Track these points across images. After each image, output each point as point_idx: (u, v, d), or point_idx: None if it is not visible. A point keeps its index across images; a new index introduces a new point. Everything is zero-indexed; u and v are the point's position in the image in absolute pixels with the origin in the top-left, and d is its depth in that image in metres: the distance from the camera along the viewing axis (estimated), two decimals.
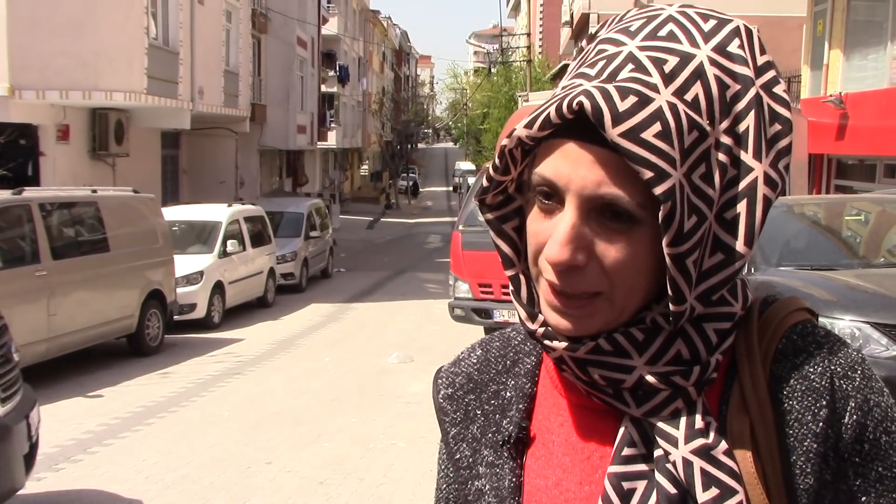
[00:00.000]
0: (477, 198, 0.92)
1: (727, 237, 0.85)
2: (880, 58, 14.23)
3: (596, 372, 0.88)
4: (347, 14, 46.34)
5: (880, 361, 5.04)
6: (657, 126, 0.79)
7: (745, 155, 0.85)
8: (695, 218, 0.82)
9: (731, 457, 0.84)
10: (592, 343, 0.87)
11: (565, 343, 0.88)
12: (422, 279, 20.58)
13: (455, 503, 1.04)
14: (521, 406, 0.98)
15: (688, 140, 0.81)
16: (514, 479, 0.95)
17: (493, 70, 45.71)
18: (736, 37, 0.87)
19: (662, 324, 0.86)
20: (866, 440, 0.85)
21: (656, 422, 0.86)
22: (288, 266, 18.21)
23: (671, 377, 0.86)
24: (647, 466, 0.86)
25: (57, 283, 9.74)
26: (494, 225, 0.94)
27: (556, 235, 0.83)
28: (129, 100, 15.63)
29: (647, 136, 0.78)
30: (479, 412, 1.01)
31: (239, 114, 23.03)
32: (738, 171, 0.85)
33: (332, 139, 40.04)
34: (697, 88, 0.83)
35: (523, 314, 0.93)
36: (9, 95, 14.40)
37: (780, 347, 0.89)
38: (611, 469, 0.87)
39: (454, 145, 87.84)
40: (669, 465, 0.84)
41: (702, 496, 0.82)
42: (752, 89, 0.86)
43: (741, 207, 0.85)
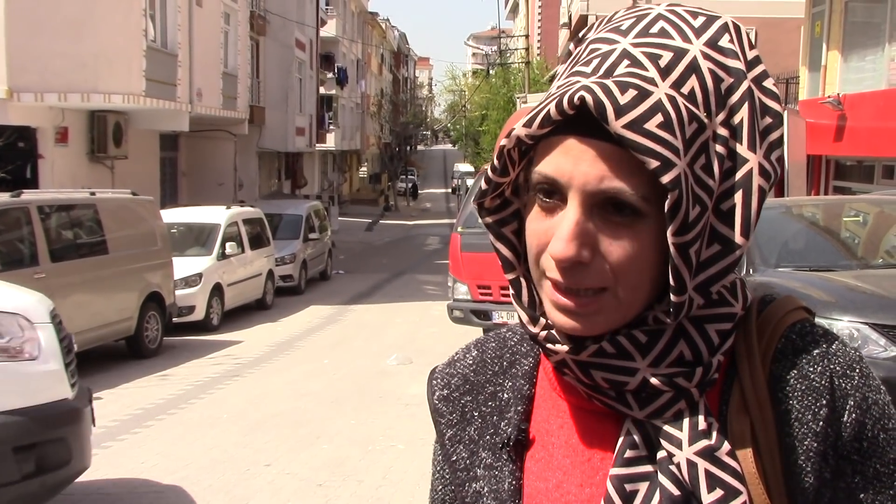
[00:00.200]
0: (476, 201, 0.92)
1: (724, 228, 0.86)
2: (878, 59, 14.24)
3: (599, 375, 0.88)
4: (346, 16, 46.35)
5: (879, 362, 5.04)
6: (659, 117, 0.80)
7: (740, 147, 0.86)
8: (698, 208, 0.83)
9: (734, 457, 0.84)
10: (595, 346, 0.87)
11: (568, 346, 0.88)
12: (420, 281, 20.58)
13: None
14: (520, 408, 0.98)
15: (688, 131, 0.82)
16: (514, 482, 0.95)
17: (492, 72, 45.67)
18: (725, 32, 0.88)
19: (664, 319, 0.86)
20: (865, 438, 0.86)
21: (659, 424, 0.86)
22: (287, 268, 18.21)
23: (674, 379, 0.86)
24: (650, 468, 0.86)
25: (55, 286, 9.70)
26: (493, 229, 0.94)
27: (561, 232, 0.83)
28: (128, 102, 15.63)
29: (651, 127, 0.79)
30: (477, 414, 1.01)
31: (237, 116, 23.04)
32: (734, 163, 0.86)
33: (331, 141, 40.01)
34: (693, 82, 0.84)
35: (525, 318, 0.93)
36: (7, 98, 14.42)
37: (780, 347, 0.89)
38: (613, 471, 0.87)
39: (453, 147, 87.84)
40: (673, 467, 0.84)
41: (706, 497, 0.82)
42: (745, 82, 0.87)
43: (737, 198, 0.86)
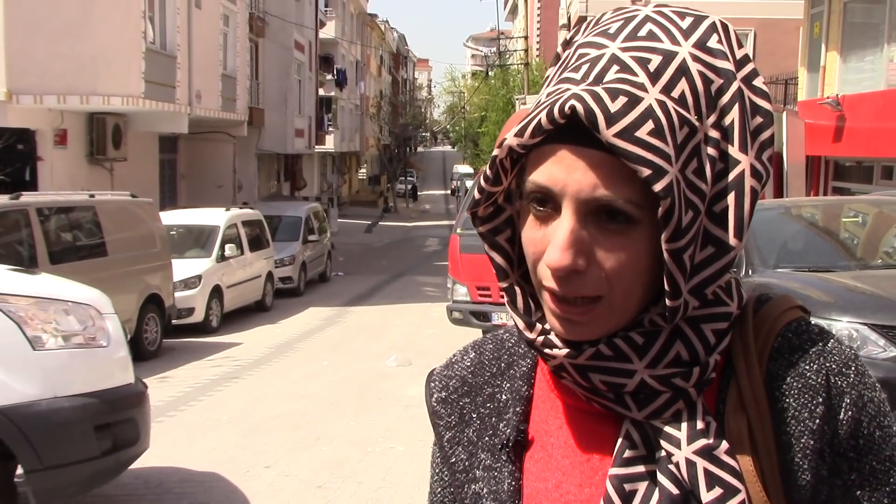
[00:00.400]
0: (469, 210, 0.93)
1: (717, 230, 0.86)
2: (877, 60, 14.25)
3: (597, 377, 0.88)
4: (345, 18, 46.34)
5: (877, 363, 5.03)
6: (650, 124, 0.80)
7: (732, 148, 0.86)
8: (690, 213, 0.83)
9: (732, 456, 0.84)
10: (593, 349, 0.87)
11: (566, 350, 0.88)
12: (420, 282, 20.58)
13: None
14: (518, 409, 0.98)
15: (679, 136, 0.82)
16: (514, 483, 0.95)
17: (491, 73, 45.71)
18: (714, 32, 0.87)
19: (660, 322, 0.86)
20: (861, 435, 0.86)
21: (658, 424, 0.87)
22: (286, 270, 18.21)
23: (672, 379, 0.86)
24: (648, 468, 0.87)
25: None
26: (487, 238, 0.94)
27: (556, 241, 0.83)
28: (127, 104, 15.63)
29: (642, 135, 0.79)
30: (475, 415, 1.01)
31: (236, 118, 23.05)
32: (726, 165, 0.86)
33: (330, 143, 40.03)
34: (683, 85, 0.83)
35: (521, 324, 0.94)
36: (6, 100, 14.42)
37: (776, 345, 0.89)
38: (612, 471, 0.87)
39: (452, 149, 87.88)
40: (672, 466, 0.85)
41: (706, 496, 0.83)
42: (735, 83, 0.86)
43: (730, 200, 0.86)
